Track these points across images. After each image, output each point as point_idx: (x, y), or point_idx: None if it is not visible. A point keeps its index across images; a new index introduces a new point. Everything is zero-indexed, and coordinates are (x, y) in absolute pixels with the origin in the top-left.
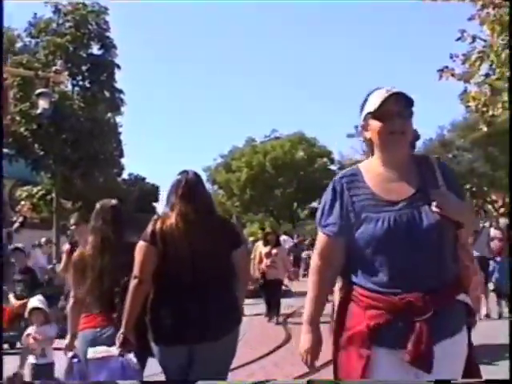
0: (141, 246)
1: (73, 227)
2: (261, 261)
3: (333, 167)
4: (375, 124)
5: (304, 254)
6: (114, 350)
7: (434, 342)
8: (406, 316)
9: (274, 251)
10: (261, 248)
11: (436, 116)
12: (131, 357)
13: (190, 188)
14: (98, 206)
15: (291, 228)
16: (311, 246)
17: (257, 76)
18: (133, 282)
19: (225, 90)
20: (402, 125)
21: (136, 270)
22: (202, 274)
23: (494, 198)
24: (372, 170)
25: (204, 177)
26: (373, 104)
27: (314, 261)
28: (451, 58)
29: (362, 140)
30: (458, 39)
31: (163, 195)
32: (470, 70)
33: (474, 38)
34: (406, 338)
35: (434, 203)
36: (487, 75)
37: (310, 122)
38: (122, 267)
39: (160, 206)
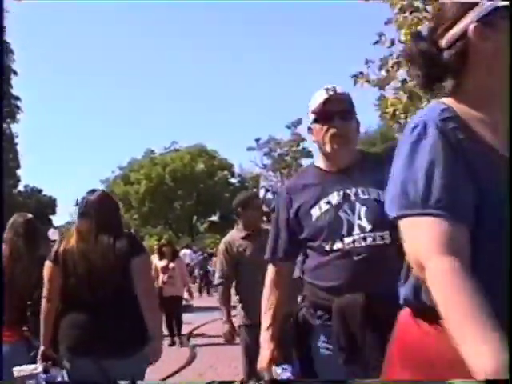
0: (46, 265)
1: None
2: (157, 276)
3: (233, 180)
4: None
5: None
6: (39, 368)
7: None
8: None
9: (172, 265)
10: (156, 262)
11: None
12: (55, 372)
13: (89, 207)
14: (11, 219)
15: (190, 241)
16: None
17: (156, 87)
18: (43, 301)
19: (124, 101)
20: None
21: (44, 289)
22: (99, 291)
23: None
24: (466, 112)
25: (102, 189)
26: None
27: (444, 262)
28: (366, 63)
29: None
30: (376, 42)
31: (60, 208)
32: (386, 75)
33: (392, 42)
34: None
35: None
36: (404, 81)
37: (210, 134)
38: (35, 280)
39: (57, 219)
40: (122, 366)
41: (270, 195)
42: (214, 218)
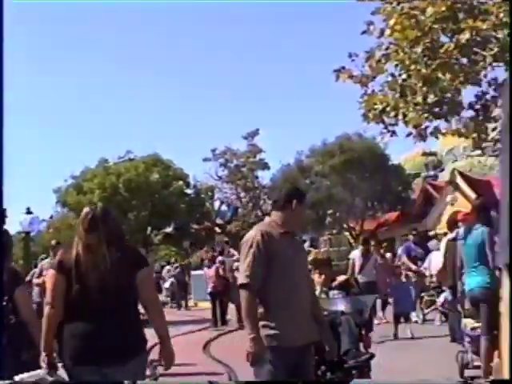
0: (50, 274)
1: None
2: None
3: (189, 191)
4: None
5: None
6: (42, 373)
7: None
8: None
9: None
10: None
11: (295, 141)
12: (59, 374)
13: (94, 220)
14: None
15: (145, 253)
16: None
17: (111, 96)
18: (45, 308)
19: (77, 109)
20: None
21: (47, 297)
22: (106, 300)
23: (351, 225)
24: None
25: (54, 198)
26: None
27: None
28: (350, 57)
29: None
30: (364, 32)
31: (11, 217)
32: (373, 69)
33: (382, 32)
34: None
35: None
36: (392, 75)
37: (165, 143)
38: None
39: (8, 228)
40: (122, 371)
41: (224, 207)
42: (169, 229)
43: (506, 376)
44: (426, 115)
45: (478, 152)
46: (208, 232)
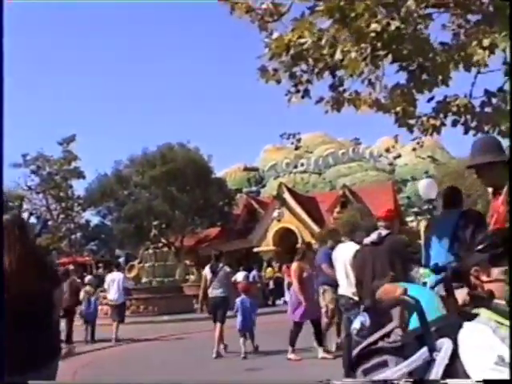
0: None
1: None
2: None
3: None
4: None
5: None
6: None
7: None
8: None
9: None
10: None
11: (113, 151)
12: None
13: (21, 230)
14: None
15: None
16: None
17: None
18: None
19: None
20: None
21: None
22: (29, 311)
23: (171, 240)
24: None
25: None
26: None
27: None
28: None
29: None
30: None
31: None
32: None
33: None
34: None
35: None
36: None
37: None
38: None
39: None
40: (36, 377)
41: (33, 219)
42: None
43: None
44: (381, 52)
45: (301, 169)
46: None
